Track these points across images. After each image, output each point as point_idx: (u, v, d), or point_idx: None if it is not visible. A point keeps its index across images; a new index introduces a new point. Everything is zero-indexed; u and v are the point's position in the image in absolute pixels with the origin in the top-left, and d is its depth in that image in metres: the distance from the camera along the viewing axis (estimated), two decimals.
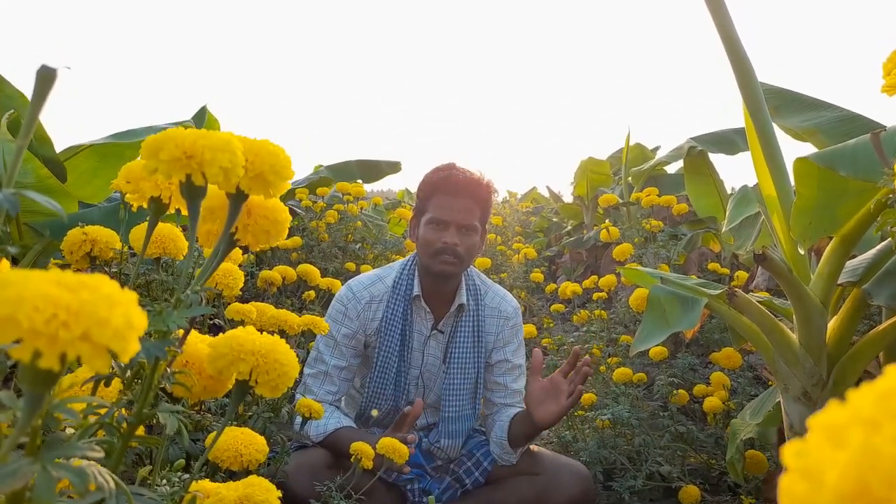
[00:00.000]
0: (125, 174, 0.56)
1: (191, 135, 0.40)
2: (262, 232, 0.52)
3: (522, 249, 4.30)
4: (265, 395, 0.52)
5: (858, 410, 0.18)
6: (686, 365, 2.12)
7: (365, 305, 1.51)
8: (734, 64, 1.30)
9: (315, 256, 3.03)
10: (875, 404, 0.17)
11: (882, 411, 0.17)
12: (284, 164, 0.48)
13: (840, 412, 0.18)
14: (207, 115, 2.65)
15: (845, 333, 1.25)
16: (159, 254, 0.91)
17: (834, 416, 0.18)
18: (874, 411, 0.17)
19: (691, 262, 3.54)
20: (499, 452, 1.48)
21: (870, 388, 0.18)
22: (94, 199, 2.11)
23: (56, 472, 0.34)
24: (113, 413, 0.45)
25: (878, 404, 0.17)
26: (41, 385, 0.28)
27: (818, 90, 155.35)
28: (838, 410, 0.18)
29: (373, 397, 1.51)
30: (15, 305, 0.25)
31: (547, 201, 7.84)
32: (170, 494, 0.55)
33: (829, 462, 0.17)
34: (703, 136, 3.53)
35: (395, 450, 1.12)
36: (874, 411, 0.17)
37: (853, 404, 0.18)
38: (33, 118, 0.34)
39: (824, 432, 0.18)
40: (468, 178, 1.48)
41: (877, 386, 0.18)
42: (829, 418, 0.18)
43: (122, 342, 0.27)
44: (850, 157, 0.95)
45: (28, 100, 1.86)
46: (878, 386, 0.18)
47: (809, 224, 1.14)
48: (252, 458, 0.79)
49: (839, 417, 0.18)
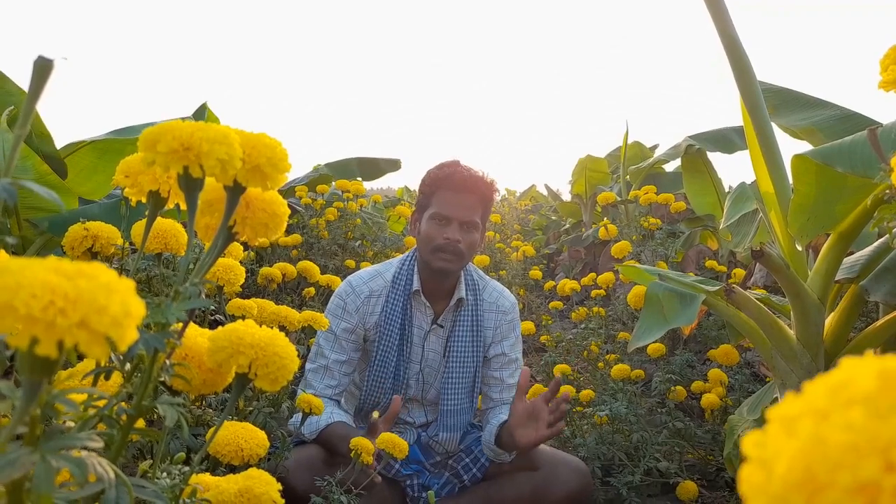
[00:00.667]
0: (123, 168, 0.56)
1: (188, 127, 0.40)
2: (260, 225, 0.52)
3: (521, 247, 4.30)
4: (265, 388, 0.52)
5: (811, 401, 0.18)
6: (684, 362, 2.13)
7: (364, 300, 1.51)
8: (733, 63, 1.30)
9: (315, 253, 3.03)
10: (826, 396, 0.18)
11: (832, 402, 0.17)
12: (281, 157, 0.48)
13: (795, 404, 0.18)
14: (208, 112, 2.65)
15: (843, 330, 1.25)
16: (160, 249, 0.91)
17: (790, 408, 0.18)
18: (825, 402, 0.18)
19: (689, 259, 3.54)
20: (490, 454, 1.49)
21: (823, 381, 0.18)
22: (94, 196, 2.11)
23: (56, 463, 0.34)
24: (113, 405, 0.45)
25: (829, 396, 0.18)
26: (39, 372, 0.29)
27: (816, 89, 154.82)
28: (794, 402, 0.18)
29: (372, 392, 1.51)
30: (12, 292, 0.25)
31: (545, 199, 7.85)
32: (170, 487, 0.55)
33: (781, 451, 0.17)
34: (700, 134, 3.54)
35: (395, 445, 1.13)
36: (825, 402, 0.18)
37: (807, 396, 0.18)
38: (30, 108, 0.35)
39: (780, 423, 0.18)
40: (472, 175, 1.49)
41: (830, 378, 0.18)
42: (786, 409, 0.18)
43: (120, 329, 0.27)
44: (847, 154, 0.95)
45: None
46: (830, 378, 0.18)
47: (807, 221, 1.14)
48: (253, 452, 0.80)
49: (794, 408, 0.18)
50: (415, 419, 1.58)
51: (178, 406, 0.49)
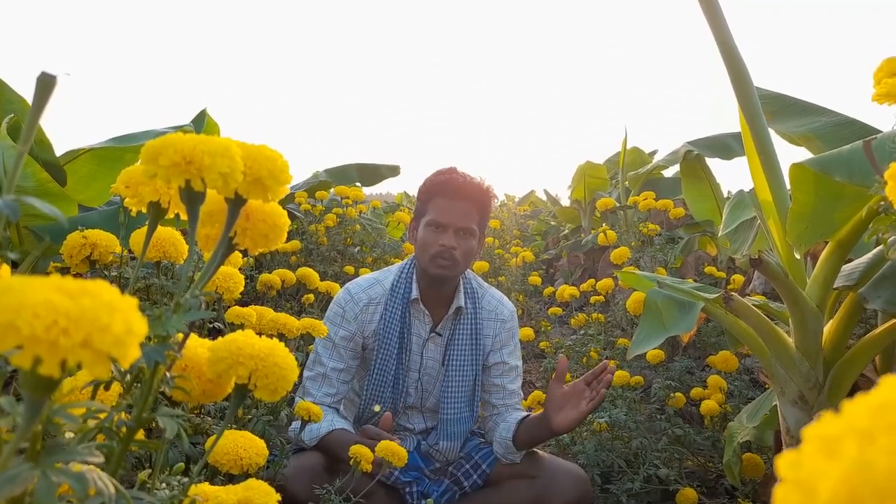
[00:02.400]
0: (124, 179, 0.56)
1: (190, 140, 0.40)
2: (260, 236, 0.53)
3: (520, 253, 4.30)
4: (264, 398, 0.52)
5: (853, 422, 0.17)
6: (683, 368, 2.13)
7: (363, 308, 1.51)
8: (731, 70, 1.30)
9: (314, 260, 3.03)
10: (870, 416, 0.17)
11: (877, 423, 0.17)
12: (282, 169, 0.48)
13: (834, 423, 0.18)
14: (207, 118, 2.65)
15: (841, 337, 1.26)
16: (159, 258, 0.91)
17: (828, 428, 0.18)
18: (869, 423, 0.17)
19: (688, 265, 3.54)
20: (502, 452, 1.48)
21: (865, 400, 0.18)
22: (93, 203, 2.11)
23: (56, 478, 0.34)
24: (112, 417, 0.45)
25: (873, 416, 0.17)
26: (42, 391, 0.29)
27: (814, 95, 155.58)
28: (833, 422, 0.18)
29: (371, 400, 1.51)
30: (15, 312, 0.25)
31: (544, 205, 7.86)
32: (169, 498, 0.55)
33: (823, 474, 0.17)
34: (699, 140, 3.55)
35: (394, 453, 1.13)
36: (869, 423, 0.17)
37: (848, 415, 0.18)
38: (33, 124, 0.35)
39: (818, 443, 0.18)
40: (468, 181, 1.49)
41: (872, 397, 0.18)
42: (824, 429, 0.18)
43: (123, 348, 0.27)
44: (845, 163, 0.96)
45: (28, 104, 1.86)
46: (873, 397, 0.18)
47: (805, 229, 1.14)
48: (252, 461, 0.79)
49: (833, 429, 0.18)
50: (414, 426, 1.58)
51: (177, 417, 0.49)
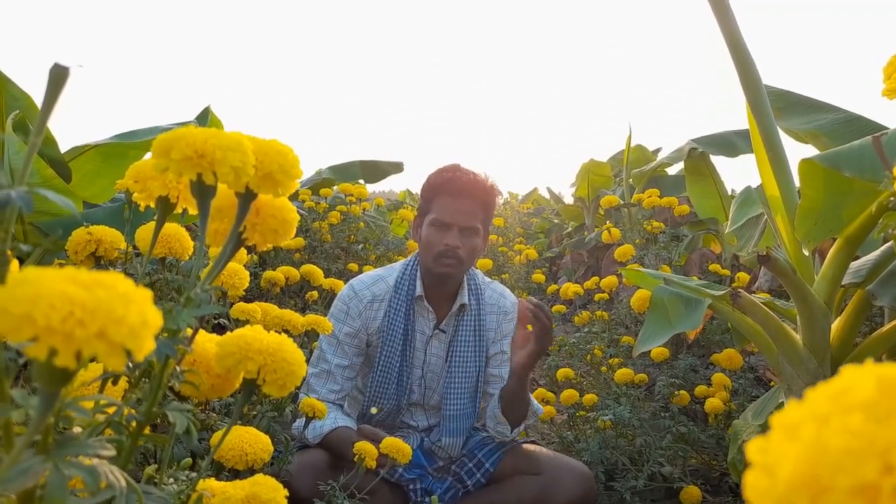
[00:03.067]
0: (133, 173, 0.56)
1: (202, 134, 0.40)
2: (270, 231, 0.52)
3: (524, 250, 4.30)
4: (273, 394, 0.52)
5: (813, 408, 0.19)
6: (687, 366, 2.12)
7: (367, 304, 1.51)
8: (739, 67, 1.30)
9: (318, 257, 3.03)
10: (827, 402, 0.18)
11: (833, 408, 0.18)
12: (293, 164, 0.48)
13: (797, 410, 0.19)
14: (210, 115, 2.65)
15: (849, 335, 1.25)
16: (165, 253, 0.91)
17: (792, 414, 0.19)
18: (826, 408, 0.18)
19: (692, 263, 3.54)
20: (493, 425, 1.48)
21: (824, 388, 0.19)
22: (97, 200, 2.11)
23: (67, 471, 0.34)
24: (122, 412, 0.45)
25: (830, 402, 0.18)
26: (56, 383, 0.29)
27: (820, 92, 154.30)
28: (796, 409, 0.19)
29: (375, 397, 1.51)
30: (31, 303, 0.25)
31: (548, 202, 7.84)
32: (177, 493, 0.55)
33: (784, 456, 0.18)
34: (703, 137, 3.53)
35: (399, 449, 1.13)
36: (826, 408, 0.18)
37: (809, 402, 0.19)
38: (46, 117, 0.35)
39: (783, 429, 0.19)
40: (472, 179, 1.48)
41: (831, 385, 0.19)
42: (788, 416, 0.19)
43: (138, 340, 0.27)
44: (855, 158, 0.95)
45: (33, 100, 1.86)
46: (832, 386, 0.19)
47: (814, 225, 1.14)
48: (257, 457, 0.79)
49: (796, 415, 0.19)
50: (418, 423, 1.58)
51: (186, 412, 0.49)
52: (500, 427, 1.47)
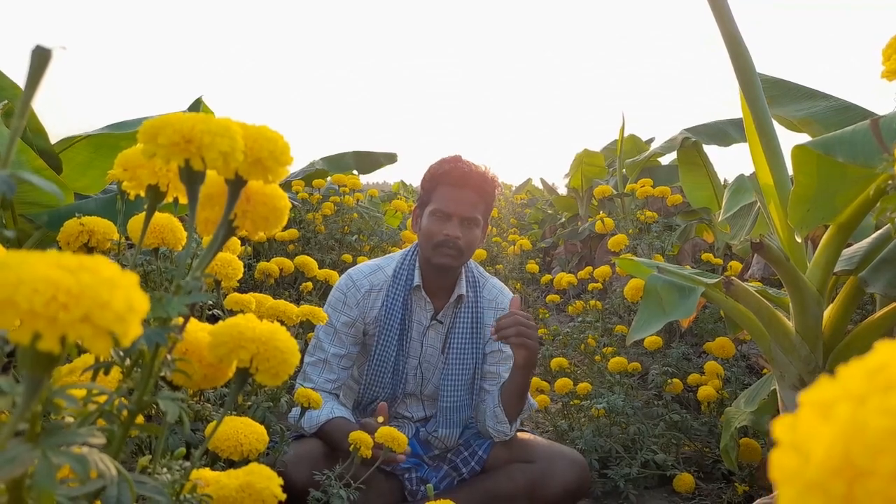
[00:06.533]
0: (122, 161, 0.55)
1: (189, 119, 0.40)
2: (260, 218, 0.52)
3: (518, 241, 4.30)
4: (266, 382, 0.52)
5: (847, 386, 0.18)
6: (680, 354, 2.13)
7: (364, 294, 1.51)
8: (733, 55, 1.29)
9: (312, 248, 3.03)
10: (863, 380, 0.18)
11: (869, 386, 0.17)
12: (283, 150, 0.47)
13: (830, 388, 0.18)
14: (203, 106, 2.63)
15: (841, 321, 1.26)
16: (157, 244, 0.91)
17: (824, 392, 0.18)
18: (862, 386, 0.17)
19: (685, 252, 3.55)
20: (493, 425, 1.47)
21: (859, 365, 0.18)
22: (89, 191, 2.10)
23: (57, 459, 0.33)
24: (113, 401, 0.45)
25: (866, 380, 0.17)
26: (41, 368, 0.28)
27: (812, 80, 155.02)
28: (828, 386, 0.18)
29: (370, 386, 1.51)
30: (14, 288, 0.25)
31: (541, 193, 7.84)
32: (171, 483, 0.54)
33: (818, 436, 0.17)
34: (696, 127, 3.54)
35: (394, 438, 1.13)
36: (862, 386, 0.17)
37: (843, 380, 0.18)
38: (28, 99, 0.34)
39: (814, 408, 0.18)
40: (473, 170, 1.48)
41: (866, 362, 0.18)
42: (820, 394, 0.18)
43: (124, 325, 0.26)
44: (848, 144, 0.95)
45: (21, 91, 1.84)
46: (867, 362, 0.18)
47: (807, 212, 1.14)
48: (252, 447, 0.79)
49: (829, 393, 0.18)
50: (413, 414, 1.58)
51: (178, 401, 0.48)
52: (500, 427, 1.47)
